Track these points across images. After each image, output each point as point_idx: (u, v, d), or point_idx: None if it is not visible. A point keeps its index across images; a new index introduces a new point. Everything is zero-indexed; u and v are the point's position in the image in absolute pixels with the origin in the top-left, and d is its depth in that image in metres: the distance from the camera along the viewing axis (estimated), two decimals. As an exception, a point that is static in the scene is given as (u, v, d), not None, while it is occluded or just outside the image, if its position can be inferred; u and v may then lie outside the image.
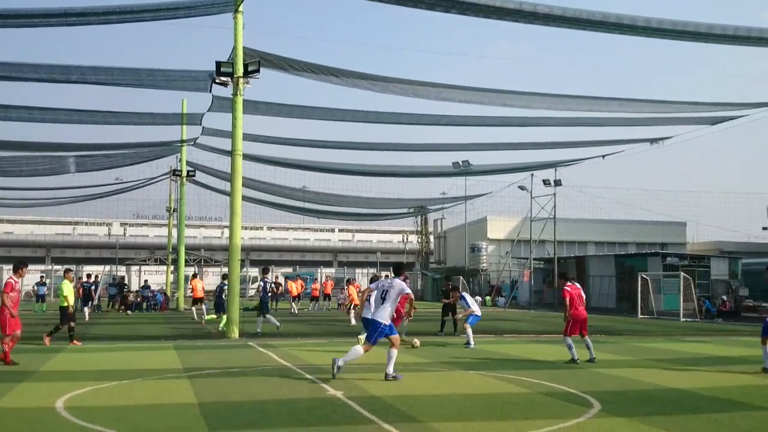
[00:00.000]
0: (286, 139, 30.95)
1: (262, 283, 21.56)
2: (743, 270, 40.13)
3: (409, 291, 11.31)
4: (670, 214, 59.48)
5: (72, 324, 16.80)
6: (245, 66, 19.41)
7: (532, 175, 44.55)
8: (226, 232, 21.34)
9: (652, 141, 29.50)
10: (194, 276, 29.41)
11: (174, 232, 42.86)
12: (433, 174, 40.08)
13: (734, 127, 26.85)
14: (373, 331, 10.91)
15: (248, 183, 34.69)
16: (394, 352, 10.80)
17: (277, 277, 44.56)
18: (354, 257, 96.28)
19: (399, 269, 11.76)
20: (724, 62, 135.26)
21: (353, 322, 23.53)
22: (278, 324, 20.23)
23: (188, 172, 37.53)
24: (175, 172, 38.09)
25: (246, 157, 27.09)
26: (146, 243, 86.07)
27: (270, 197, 41.86)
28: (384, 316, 10.87)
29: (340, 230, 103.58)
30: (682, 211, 62.34)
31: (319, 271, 60.44)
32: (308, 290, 41.08)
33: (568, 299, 13.75)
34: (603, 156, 33.71)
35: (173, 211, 43.37)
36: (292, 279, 39.04)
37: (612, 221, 57.66)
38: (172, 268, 44.41)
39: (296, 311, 32.51)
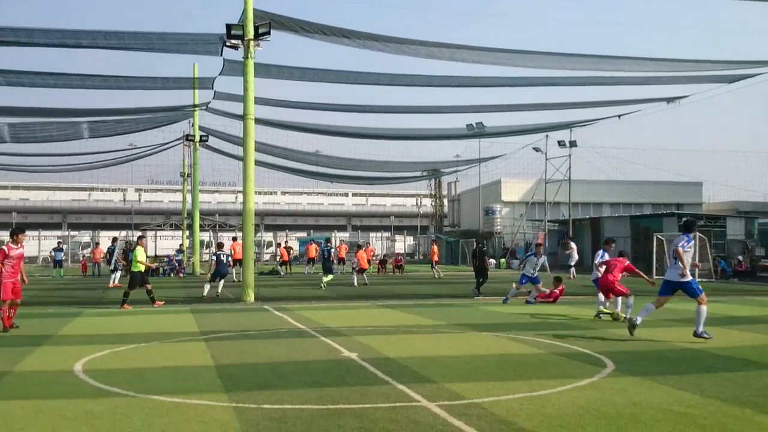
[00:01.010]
0: (299, 103, 30.82)
1: (214, 256, 21.77)
2: (760, 230, 39.82)
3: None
4: (686, 174, 58.97)
5: (149, 287, 17.35)
6: (256, 28, 19.22)
7: (547, 136, 44.15)
8: (240, 197, 21.44)
9: (669, 100, 29.06)
10: (234, 239, 29.87)
11: (188, 197, 43.05)
12: (446, 136, 39.86)
13: (752, 86, 26.35)
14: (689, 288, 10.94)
15: (261, 147, 34.68)
16: (703, 308, 10.87)
17: (287, 242, 44.83)
18: (368, 221, 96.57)
19: (689, 225, 11.63)
20: (742, 19, 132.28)
21: (355, 283, 25.91)
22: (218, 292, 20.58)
23: (201, 137, 37.50)
24: (188, 137, 38.08)
25: (258, 121, 27.01)
26: (161, 209, 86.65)
27: (283, 162, 41.88)
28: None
29: (354, 194, 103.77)
30: (698, 170, 61.99)
31: (333, 235, 60.66)
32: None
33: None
34: (619, 116, 33.30)
35: (187, 176, 43.50)
36: (307, 243, 39.33)
37: (627, 182, 57.18)
38: (187, 233, 44.75)
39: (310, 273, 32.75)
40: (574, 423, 5.99)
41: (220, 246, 22.05)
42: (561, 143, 42.95)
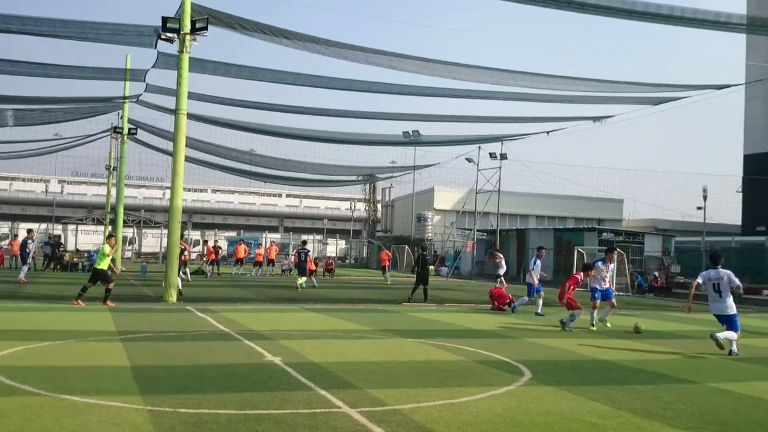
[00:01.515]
0: (234, 101, 30.36)
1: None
2: (676, 247, 41.62)
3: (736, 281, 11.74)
4: (609, 191, 61.13)
5: (110, 285, 17.00)
6: (193, 23, 18.90)
7: (480, 147, 45.03)
8: (168, 193, 20.98)
9: (595, 119, 30.10)
10: (206, 242, 29.60)
11: (113, 191, 41.77)
12: (383, 142, 40.03)
13: (675, 108, 27.54)
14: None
15: (193, 143, 33.97)
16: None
17: (216, 241, 44.07)
18: (301, 223, 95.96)
19: (716, 257, 12.13)
20: (669, 43, 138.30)
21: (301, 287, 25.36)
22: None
23: (130, 129, 36.49)
24: (116, 130, 36.99)
25: (191, 116, 26.48)
26: (84, 202, 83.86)
27: (216, 159, 41.10)
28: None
29: (288, 195, 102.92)
30: (620, 188, 64.14)
31: (264, 236, 59.96)
32: (252, 255, 40.81)
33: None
34: (547, 132, 34.28)
35: (113, 169, 42.22)
36: (236, 243, 38.78)
37: (553, 196, 58.86)
38: (110, 228, 43.42)
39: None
40: (490, 430, 6.13)
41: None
42: (492, 155, 43.87)
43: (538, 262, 18.76)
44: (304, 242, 28.99)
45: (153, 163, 54.07)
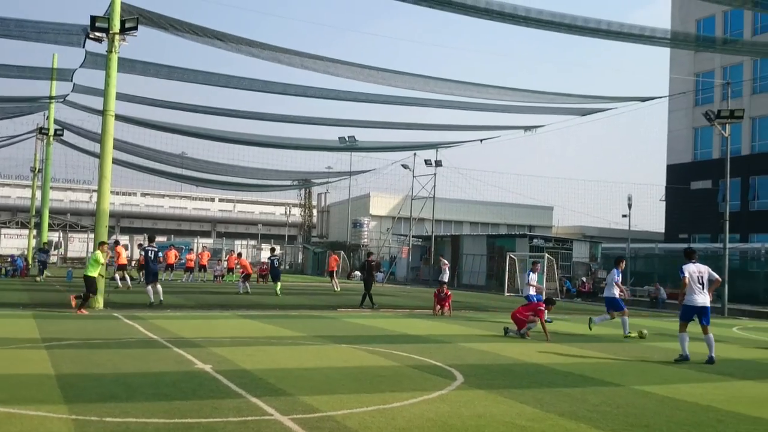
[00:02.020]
0: (165, 102, 29.74)
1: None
2: (603, 253, 42.94)
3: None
4: (540, 199, 62.64)
5: (90, 294, 16.84)
6: (122, 22, 18.43)
7: (415, 154, 45.54)
8: (95, 196, 20.32)
9: (526, 128, 30.86)
10: (117, 243, 28.73)
11: (38, 194, 40.20)
12: (318, 148, 39.95)
13: (602, 119, 28.55)
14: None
15: (121, 146, 33.13)
16: None
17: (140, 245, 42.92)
18: (234, 228, 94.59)
19: (692, 252, 11.96)
20: (599, 56, 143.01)
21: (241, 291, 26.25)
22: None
23: (56, 130, 35.33)
24: (42, 131, 35.69)
25: (119, 118, 25.82)
26: (8, 204, 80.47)
27: (145, 162, 40.15)
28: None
29: (221, 200, 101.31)
30: (550, 195, 65.76)
31: (195, 241, 58.81)
32: (183, 261, 39.93)
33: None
34: (481, 140, 34.94)
35: (38, 171, 40.66)
36: (166, 248, 37.85)
37: (486, 203, 59.88)
38: (35, 232, 41.76)
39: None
40: (422, 435, 6.18)
41: (151, 240, 21.10)
42: (428, 162, 44.37)
43: (533, 275, 18.82)
44: (273, 249, 30.17)
45: (80, 165, 52.14)
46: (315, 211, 70.84)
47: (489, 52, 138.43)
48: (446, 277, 28.19)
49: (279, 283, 26.47)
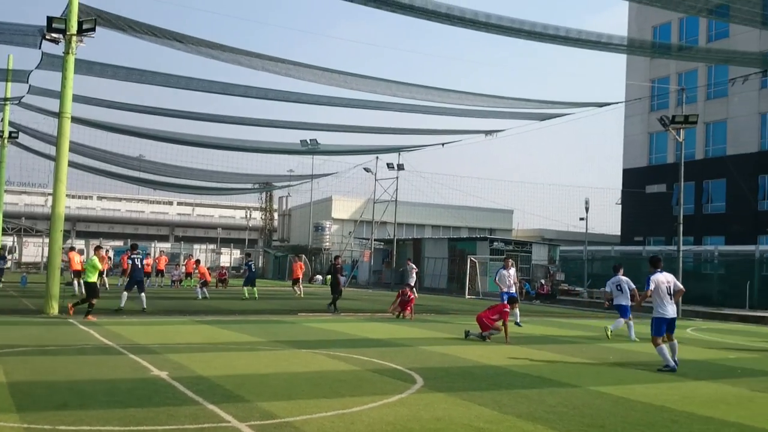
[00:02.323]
0: (123, 104, 29.20)
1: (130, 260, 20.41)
2: (561, 256, 43.59)
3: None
4: (500, 202, 63.30)
5: (93, 301, 16.86)
6: (80, 23, 18.09)
7: (377, 158, 45.54)
8: (51, 199, 19.85)
9: (487, 133, 31.18)
10: (72, 249, 28.23)
11: (-10, 197, 39.05)
12: (280, 151, 39.65)
13: (560, 124, 29.11)
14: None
15: (77, 148, 32.45)
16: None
17: (107, 251, 42.11)
18: (193, 232, 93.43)
19: (658, 260, 11.53)
20: (559, 62, 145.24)
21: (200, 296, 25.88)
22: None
23: (10, 133, 34.36)
24: (-5, 132, 34.65)
25: (76, 120, 25.27)
26: (-42, 208, 77.94)
27: (102, 165, 39.34)
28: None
29: (179, 203, 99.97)
30: (510, 199, 66.49)
31: (153, 245, 57.87)
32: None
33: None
34: (443, 144, 35.14)
35: (-9, 174, 39.47)
36: (123, 253, 37.17)
37: (448, 206, 60.24)
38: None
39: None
40: (381, 440, 6.18)
41: (134, 248, 20.66)
42: (390, 165, 44.45)
43: (503, 271, 18.73)
44: (248, 254, 31.78)
45: (35, 168, 51.05)
46: (276, 215, 70.39)
47: (452, 58, 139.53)
48: (413, 281, 28.24)
49: (255, 288, 27.50)
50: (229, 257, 65.81)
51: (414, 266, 29.03)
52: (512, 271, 18.89)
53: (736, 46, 40.19)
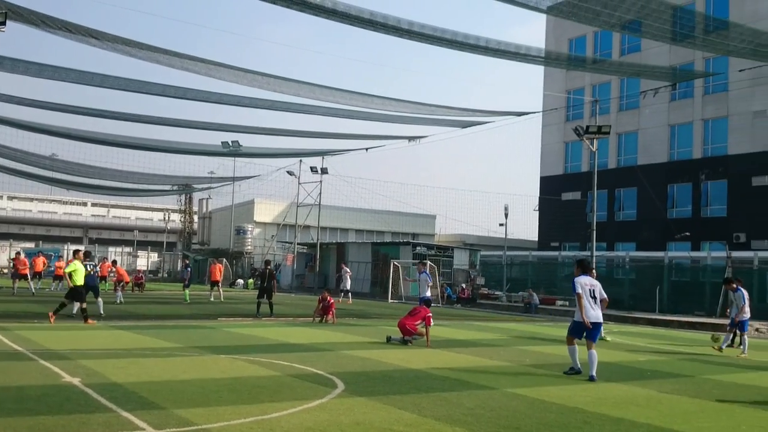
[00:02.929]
0: (35, 101, 27.94)
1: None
2: (482, 261, 44.52)
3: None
4: (423, 207, 64.14)
5: (84, 305, 17.01)
6: (-14, 15, 17.16)
7: (301, 161, 45.31)
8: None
9: (410, 139, 31.53)
10: (38, 254, 27.46)
11: None
12: (200, 152, 38.82)
13: (481, 132, 29.75)
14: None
15: (-16, 146, 30.86)
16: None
17: (18, 254, 40.17)
18: (108, 234, 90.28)
19: (588, 264, 11.65)
20: (478, 71, 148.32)
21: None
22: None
23: None
24: None
25: (-18, 116, 24.07)
26: None
27: (11, 163, 37.50)
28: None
29: (93, 204, 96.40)
30: (432, 204, 67.36)
31: (66, 247, 55.52)
32: (52, 268, 37.60)
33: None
34: (366, 149, 35.30)
35: None
36: (34, 255, 35.54)
37: (372, 211, 60.52)
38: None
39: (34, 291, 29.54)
40: (300, 445, 6.16)
41: (87, 255, 20.18)
42: (314, 169, 44.27)
43: (426, 275, 18.41)
44: (186, 256, 32.71)
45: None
46: (196, 217, 68.85)
47: (379, 64, 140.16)
48: (348, 285, 28.06)
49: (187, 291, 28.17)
50: (146, 260, 63.89)
51: (348, 270, 28.93)
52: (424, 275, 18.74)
53: (648, 60, 42.15)
